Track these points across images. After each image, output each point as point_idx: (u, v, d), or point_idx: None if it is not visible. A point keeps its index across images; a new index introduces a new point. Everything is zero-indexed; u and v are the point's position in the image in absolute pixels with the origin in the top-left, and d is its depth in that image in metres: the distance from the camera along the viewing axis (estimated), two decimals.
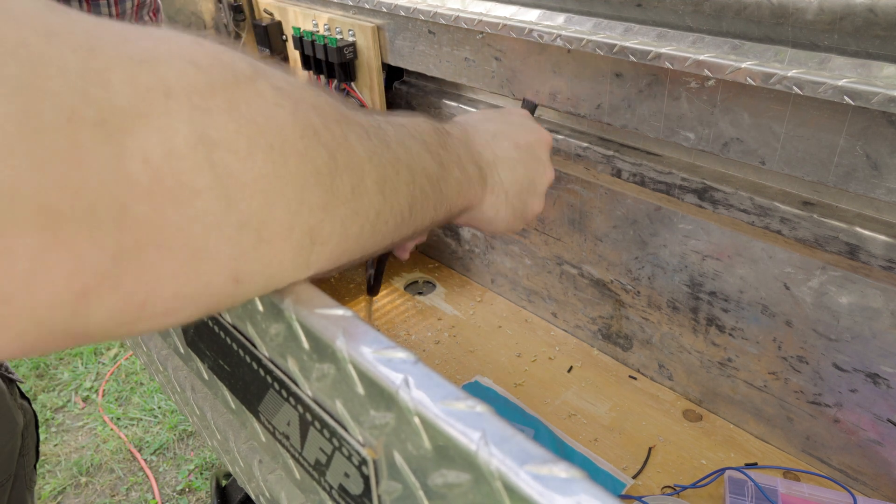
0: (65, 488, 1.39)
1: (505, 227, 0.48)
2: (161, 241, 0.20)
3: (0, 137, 0.16)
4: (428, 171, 0.35)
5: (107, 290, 0.20)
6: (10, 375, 0.73)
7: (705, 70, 0.52)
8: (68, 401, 1.59)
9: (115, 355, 1.73)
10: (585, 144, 0.67)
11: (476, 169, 0.43)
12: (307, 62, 0.94)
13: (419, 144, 0.35)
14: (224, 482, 1.20)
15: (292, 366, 0.29)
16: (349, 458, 0.28)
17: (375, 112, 0.34)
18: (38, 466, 0.74)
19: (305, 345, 0.27)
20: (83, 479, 1.40)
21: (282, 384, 0.31)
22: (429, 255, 1.00)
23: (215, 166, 0.21)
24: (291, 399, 0.31)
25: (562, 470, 0.19)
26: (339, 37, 0.88)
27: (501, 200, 0.46)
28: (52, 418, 1.54)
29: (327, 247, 0.26)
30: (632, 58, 0.57)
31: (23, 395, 0.75)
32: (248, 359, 0.34)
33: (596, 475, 0.63)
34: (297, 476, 0.36)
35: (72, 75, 0.18)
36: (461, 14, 0.70)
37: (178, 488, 1.38)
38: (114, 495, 1.37)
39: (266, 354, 0.31)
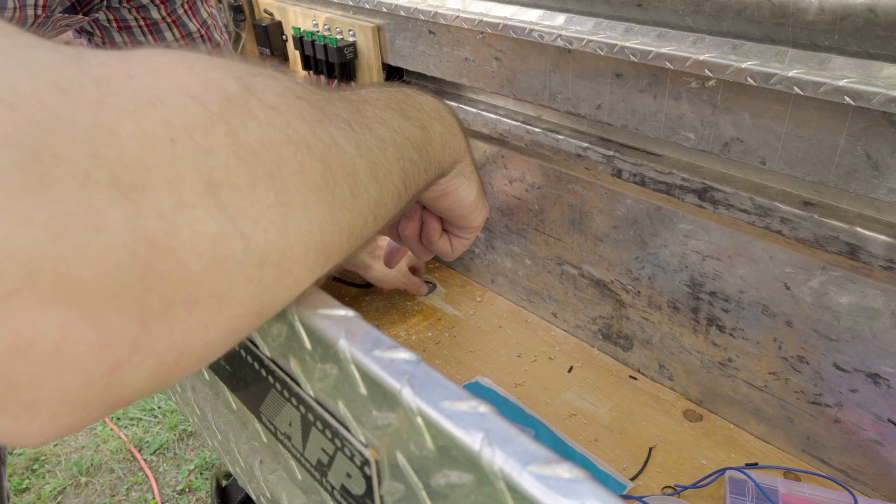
0: (65, 488, 1.39)
1: (476, 205, 0.47)
2: (187, 295, 0.20)
3: (18, 206, 0.16)
4: (412, 139, 0.35)
5: (139, 358, 0.19)
6: None
7: (706, 70, 0.52)
8: None
9: None
10: (585, 144, 0.67)
11: (454, 118, 0.42)
12: (307, 62, 0.94)
13: (398, 115, 0.35)
14: (224, 482, 1.20)
15: (294, 366, 0.29)
16: (351, 458, 0.28)
17: (348, 91, 0.34)
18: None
19: (307, 345, 0.27)
20: (83, 479, 1.40)
21: (283, 384, 0.31)
22: None
23: (226, 207, 0.21)
24: (293, 399, 0.31)
25: (565, 470, 0.19)
26: (339, 37, 0.88)
27: (469, 172, 0.46)
28: None
29: (338, 254, 0.26)
30: (632, 58, 0.57)
31: None
32: (249, 359, 0.34)
33: (596, 477, 0.63)
34: (299, 476, 0.36)
35: (83, 136, 0.18)
36: (461, 14, 0.70)
37: (178, 488, 1.38)
38: (114, 495, 1.37)
39: (268, 355, 0.31)
